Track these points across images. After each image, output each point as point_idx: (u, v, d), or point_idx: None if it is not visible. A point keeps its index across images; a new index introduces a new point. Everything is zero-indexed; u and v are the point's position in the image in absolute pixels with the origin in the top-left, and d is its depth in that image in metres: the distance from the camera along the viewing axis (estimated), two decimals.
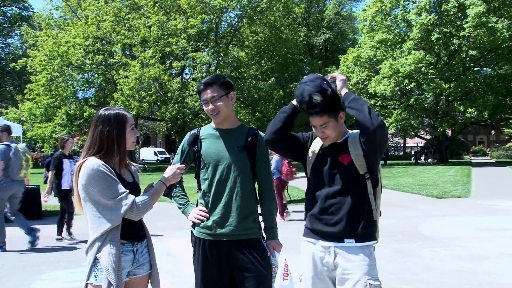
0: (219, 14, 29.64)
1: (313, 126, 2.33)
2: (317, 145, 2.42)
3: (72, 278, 4.97)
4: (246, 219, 2.40)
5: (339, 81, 2.25)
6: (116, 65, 28.15)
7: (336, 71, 34.91)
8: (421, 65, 29.17)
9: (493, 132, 54.47)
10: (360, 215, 2.26)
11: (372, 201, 2.27)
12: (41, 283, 4.92)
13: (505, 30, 27.40)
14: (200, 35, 29.30)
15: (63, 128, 27.47)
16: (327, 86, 2.21)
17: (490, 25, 27.15)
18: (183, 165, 2.38)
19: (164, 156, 47.38)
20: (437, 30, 29.18)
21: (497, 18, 28.17)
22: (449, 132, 38.03)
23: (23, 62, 30.62)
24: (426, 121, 40.66)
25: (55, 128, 27.15)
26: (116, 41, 28.54)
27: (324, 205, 2.31)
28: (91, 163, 2.10)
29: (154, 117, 32.52)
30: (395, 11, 31.95)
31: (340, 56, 36.18)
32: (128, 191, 2.13)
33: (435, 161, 37.00)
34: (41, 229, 8.30)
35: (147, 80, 26.16)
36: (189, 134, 2.55)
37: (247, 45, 34.18)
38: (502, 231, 7.50)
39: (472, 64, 32.78)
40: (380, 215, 2.39)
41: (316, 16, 51.09)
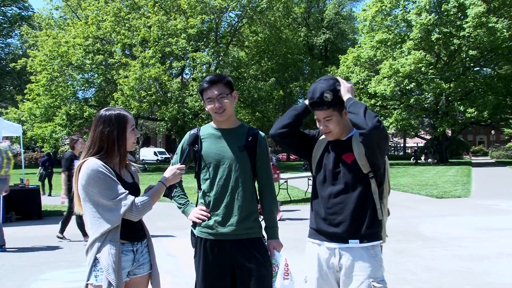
0: (219, 14, 29.65)
1: (317, 120, 2.33)
2: (322, 142, 2.41)
3: (72, 278, 4.97)
4: (247, 218, 2.40)
5: (344, 87, 2.26)
6: (116, 65, 28.17)
7: (336, 71, 34.96)
8: (421, 65, 29.17)
9: (493, 132, 54.48)
10: (364, 215, 2.23)
11: (377, 200, 2.25)
12: (41, 283, 4.92)
13: (505, 30, 27.40)
14: (200, 35, 29.32)
15: (63, 128, 27.49)
16: (340, 87, 2.26)
17: (490, 25, 27.15)
18: (183, 165, 2.38)
19: (164, 156, 47.40)
20: (437, 30, 29.19)
21: (497, 18, 28.18)
22: (449, 132, 38.03)
23: (23, 62, 30.61)
24: (426, 121, 40.64)
25: (55, 128, 27.16)
26: (116, 41, 28.55)
27: (327, 204, 2.30)
28: (91, 164, 2.10)
29: (154, 117, 32.54)
30: (395, 11, 31.96)
31: (340, 56, 36.17)
32: (127, 191, 2.12)
33: (435, 161, 37.01)
34: (41, 229, 8.34)
35: (147, 80, 26.17)
36: (188, 134, 2.54)
37: (247, 45, 34.19)
38: (502, 231, 7.50)
39: (472, 64, 32.78)
40: (388, 215, 2.38)
41: (316, 16, 51.11)
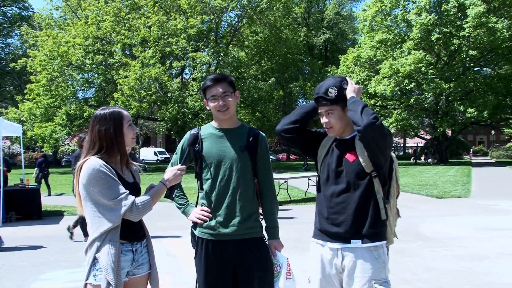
0: (219, 14, 29.66)
1: (320, 114, 2.35)
2: (327, 142, 2.41)
3: (72, 278, 4.97)
4: (248, 218, 2.40)
5: (351, 86, 2.27)
6: (116, 65, 28.17)
7: (336, 71, 34.96)
8: (421, 65, 29.17)
9: (493, 132, 54.49)
10: (366, 215, 2.22)
11: (380, 200, 2.23)
12: (41, 283, 4.92)
13: (505, 30, 27.40)
14: (200, 35, 29.32)
15: (63, 128, 27.50)
16: (346, 87, 2.28)
17: (490, 25, 27.15)
18: (184, 166, 2.38)
19: (164, 156, 47.39)
20: (437, 30, 29.18)
21: (497, 18, 28.18)
22: (449, 132, 38.03)
23: (23, 62, 30.62)
24: (426, 121, 40.63)
25: (55, 128, 27.16)
26: (116, 41, 28.55)
27: (330, 204, 2.30)
28: (92, 163, 2.11)
29: (154, 117, 32.54)
30: (395, 11, 31.95)
31: (340, 56, 36.17)
32: (128, 191, 2.12)
33: (435, 161, 37.01)
34: (41, 229, 8.33)
35: (147, 80, 26.17)
36: (189, 133, 2.53)
37: (247, 45, 34.20)
38: (502, 231, 7.50)
39: (472, 64, 32.77)
40: (399, 216, 2.37)
41: (316, 16, 51.13)
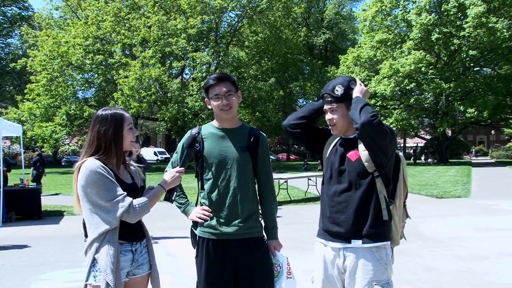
0: (219, 14, 29.66)
1: (325, 111, 2.36)
2: (332, 140, 2.41)
3: (72, 278, 4.97)
4: (249, 218, 2.41)
5: (358, 87, 2.28)
6: (116, 65, 28.17)
7: (336, 71, 34.97)
8: (421, 65, 29.18)
9: (493, 132, 54.49)
10: (367, 215, 2.20)
11: (382, 200, 2.21)
12: (41, 283, 4.92)
13: (505, 30, 27.39)
14: (200, 35, 29.32)
15: (63, 128, 27.50)
16: (353, 87, 2.29)
17: (490, 25, 27.15)
18: (182, 168, 2.37)
19: (164, 156, 47.37)
20: (437, 30, 29.19)
21: (497, 18, 28.18)
22: (449, 132, 38.03)
23: (23, 62, 30.64)
24: (426, 121, 40.64)
25: (55, 128, 27.17)
26: (116, 41, 28.55)
27: (331, 202, 2.30)
28: (89, 164, 2.10)
29: (154, 117, 32.54)
30: (395, 11, 31.96)
31: (340, 56, 36.18)
32: (125, 193, 2.12)
33: (435, 161, 37.01)
34: (41, 229, 8.34)
35: (147, 80, 26.17)
36: (189, 133, 2.54)
37: (247, 45, 34.19)
38: (502, 231, 7.50)
39: (472, 64, 32.77)
40: (407, 217, 2.37)
41: (316, 16, 51.14)
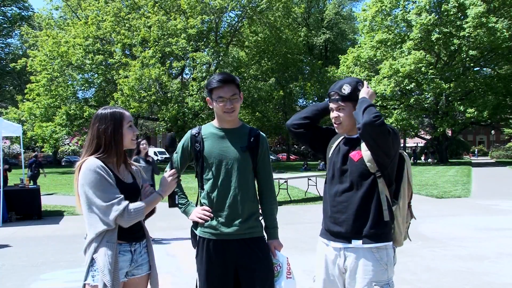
0: (219, 14, 29.65)
1: (330, 110, 2.36)
2: (335, 140, 2.42)
3: (72, 278, 4.97)
4: (250, 218, 2.41)
5: (365, 89, 2.28)
6: (116, 65, 28.16)
7: (336, 71, 34.98)
8: (421, 65, 29.19)
9: (493, 132, 54.50)
10: (368, 215, 2.20)
11: (384, 201, 2.21)
12: (41, 283, 4.92)
13: (505, 30, 27.40)
14: (200, 35, 29.31)
15: (63, 128, 27.51)
16: (360, 88, 2.29)
17: (490, 25, 27.16)
18: (173, 170, 2.37)
19: (164, 156, 47.33)
20: (437, 30, 29.20)
21: (497, 18, 28.18)
22: (449, 132, 38.04)
23: (23, 62, 30.64)
24: (426, 121, 40.66)
25: (55, 128, 27.17)
26: (116, 41, 28.55)
27: (333, 202, 2.30)
28: (89, 164, 2.11)
29: (154, 117, 32.54)
30: (395, 11, 31.98)
31: (340, 56, 36.20)
32: (122, 196, 2.10)
33: (435, 161, 37.02)
34: (41, 229, 8.34)
35: (147, 80, 26.17)
36: (189, 133, 2.54)
37: (247, 45, 34.18)
38: (502, 231, 7.50)
39: (472, 64, 32.78)
40: (411, 218, 2.37)
41: (316, 16, 51.15)
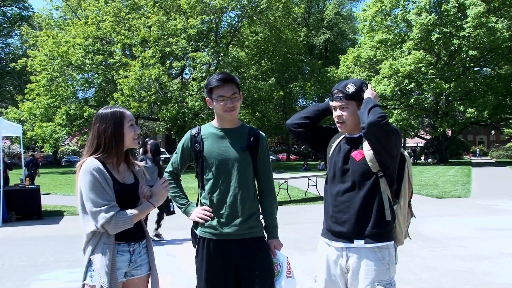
0: (219, 14, 29.64)
1: (333, 108, 2.35)
2: (336, 139, 2.41)
3: (72, 278, 4.97)
4: (250, 218, 2.41)
5: (369, 90, 2.29)
6: (116, 65, 28.16)
7: (336, 71, 34.98)
8: (421, 65, 29.19)
9: (493, 132, 54.51)
10: (370, 215, 2.20)
11: (386, 200, 2.21)
12: (41, 283, 4.92)
13: (505, 30, 27.40)
14: (200, 35, 29.30)
15: (63, 128, 27.51)
16: (365, 89, 2.30)
17: (490, 25, 27.16)
18: (165, 179, 2.35)
19: (164, 156, 47.33)
20: (437, 30, 29.20)
21: (497, 18, 28.18)
22: (449, 132, 38.04)
23: (23, 62, 30.63)
24: (426, 121, 40.69)
25: (55, 128, 27.18)
26: (116, 41, 28.54)
27: (334, 202, 2.30)
28: (87, 165, 2.11)
29: (154, 117, 32.54)
30: (395, 11, 31.98)
31: (340, 56, 36.21)
32: (112, 204, 2.07)
33: (435, 161, 37.02)
34: (41, 229, 8.34)
35: (147, 80, 26.16)
36: (189, 133, 2.54)
37: (247, 45, 34.17)
38: (502, 231, 7.50)
39: (472, 64, 32.79)
40: (412, 216, 2.37)
41: (316, 16, 51.15)
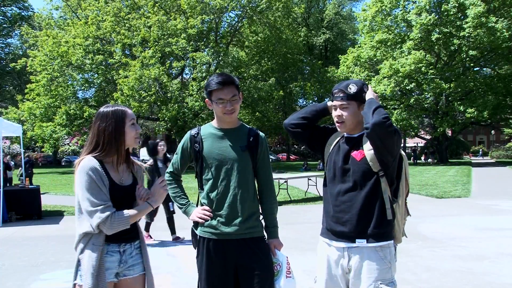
0: (219, 14, 29.64)
1: (333, 108, 2.35)
2: (334, 139, 2.41)
3: (72, 278, 4.96)
4: (250, 218, 2.42)
5: (370, 91, 2.29)
6: (116, 65, 28.16)
7: (336, 71, 34.98)
8: (421, 65, 29.19)
9: (493, 132, 54.51)
10: (372, 214, 2.21)
11: (387, 200, 2.22)
12: (41, 283, 4.92)
13: (505, 30, 27.39)
14: (200, 35, 29.31)
15: (63, 128, 27.51)
16: (366, 89, 2.30)
17: (490, 25, 27.15)
18: (162, 178, 2.31)
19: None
20: (437, 30, 29.20)
21: (497, 18, 28.17)
22: (449, 132, 38.04)
23: (23, 62, 30.64)
24: (426, 121, 40.68)
25: (55, 128, 27.18)
26: (116, 41, 28.54)
27: (335, 202, 2.30)
28: (83, 164, 2.09)
29: (154, 117, 32.55)
30: (395, 11, 31.97)
31: (340, 56, 36.19)
32: (107, 204, 2.06)
33: (435, 161, 37.02)
34: (41, 229, 8.34)
35: (147, 80, 26.17)
36: (189, 133, 2.55)
37: (247, 45, 34.17)
38: (502, 231, 7.50)
39: (472, 64, 32.78)
40: (407, 215, 2.38)
41: (316, 16, 51.15)
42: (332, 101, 2.34)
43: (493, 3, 29.23)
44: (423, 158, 42.19)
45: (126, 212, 2.12)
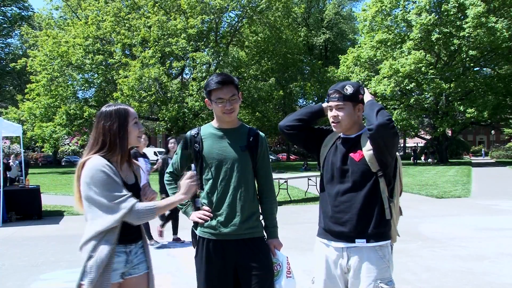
0: (219, 14, 29.65)
1: (329, 108, 2.35)
2: (330, 140, 2.42)
3: (72, 278, 4.92)
4: (249, 218, 2.41)
5: (368, 93, 2.32)
6: (116, 65, 28.16)
7: (336, 71, 34.99)
8: (421, 65, 29.19)
9: (493, 132, 54.52)
10: (371, 214, 2.22)
11: (385, 200, 2.23)
12: (41, 283, 4.92)
13: (505, 30, 27.39)
14: (200, 35, 29.31)
15: (63, 128, 27.51)
16: (362, 91, 2.32)
17: (490, 25, 27.15)
18: (192, 172, 2.30)
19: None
20: (437, 30, 29.20)
21: (497, 18, 28.17)
22: (449, 132, 38.04)
23: (23, 62, 30.64)
24: (426, 121, 40.68)
25: (55, 128, 27.17)
26: (116, 41, 28.55)
27: (334, 203, 2.30)
28: (95, 162, 2.08)
29: (154, 117, 32.55)
30: (395, 11, 31.97)
31: (340, 56, 36.19)
32: (129, 194, 2.08)
33: (435, 161, 37.02)
34: (41, 229, 8.34)
35: (147, 80, 26.17)
36: (189, 133, 2.55)
37: (247, 45, 34.17)
38: (502, 231, 7.50)
39: (472, 64, 32.78)
40: (401, 214, 2.39)
41: (316, 16, 51.16)
42: (328, 102, 2.35)
43: (493, 3, 29.23)
44: (423, 158, 42.18)
45: (152, 202, 2.15)
